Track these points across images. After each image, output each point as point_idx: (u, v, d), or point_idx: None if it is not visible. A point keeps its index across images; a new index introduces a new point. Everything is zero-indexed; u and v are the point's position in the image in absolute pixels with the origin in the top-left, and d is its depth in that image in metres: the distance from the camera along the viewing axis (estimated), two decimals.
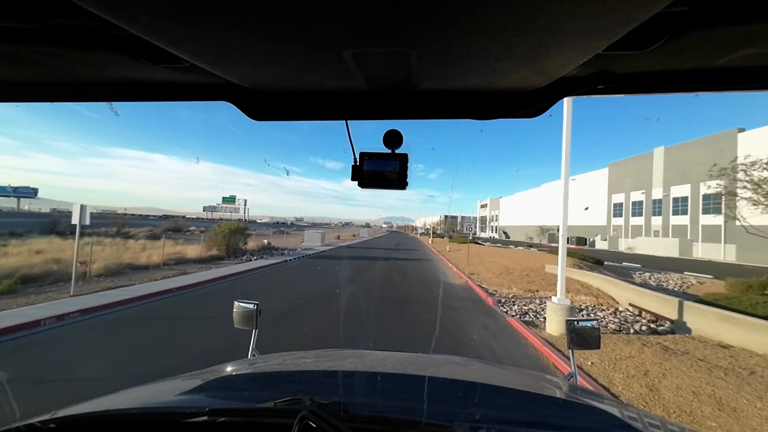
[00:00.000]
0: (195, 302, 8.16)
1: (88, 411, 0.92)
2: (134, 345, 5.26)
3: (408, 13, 0.53)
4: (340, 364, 1.59)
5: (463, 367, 1.68)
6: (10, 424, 0.83)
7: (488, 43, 0.62)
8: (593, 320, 1.63)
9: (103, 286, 9.08)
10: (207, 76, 0.83)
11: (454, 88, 0.91)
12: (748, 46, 0.70)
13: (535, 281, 12.17)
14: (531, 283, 11.93)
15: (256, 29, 0.58)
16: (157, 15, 0.53)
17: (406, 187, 1.05)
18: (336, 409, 0.84)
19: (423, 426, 0.81)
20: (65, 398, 2.53)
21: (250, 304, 1.75)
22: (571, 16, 0.51)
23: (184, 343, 5.37)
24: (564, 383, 1.58)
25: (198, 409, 0.86)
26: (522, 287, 11.28)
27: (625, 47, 0.68)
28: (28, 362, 4.50)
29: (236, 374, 1.39)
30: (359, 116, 1.01)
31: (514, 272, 14.13)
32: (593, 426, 1.00)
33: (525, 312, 8.22)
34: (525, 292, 10.70)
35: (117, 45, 0.75)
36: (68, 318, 6.41)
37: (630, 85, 0.87)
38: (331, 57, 0.70)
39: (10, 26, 0.70)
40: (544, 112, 0.95)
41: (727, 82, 0.82)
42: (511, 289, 11.13)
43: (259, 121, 1.03)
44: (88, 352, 4.91)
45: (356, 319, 6.95)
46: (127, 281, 9.83)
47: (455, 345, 5.65)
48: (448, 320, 7.20)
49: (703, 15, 0.62)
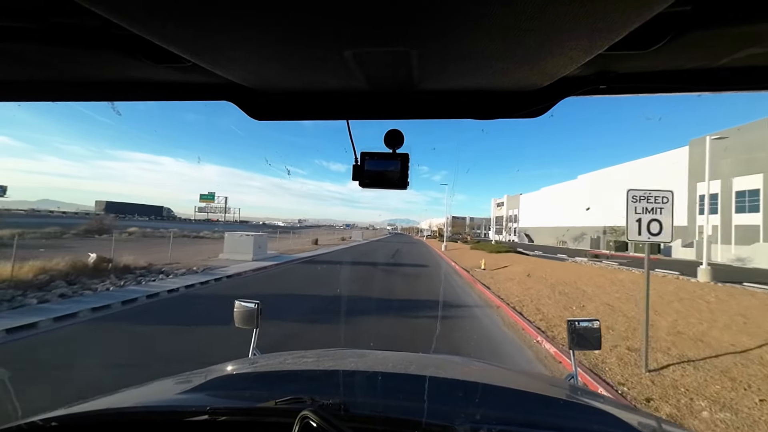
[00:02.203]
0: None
1: (90, 410, 0.92)
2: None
3: (409, 13, 0.53)
4: (340, 363, 1.58)
5: (464, 367, 1.67)
6: (12, 422, 0.82)
7: (489, 42, 0.61)
8: (594, 320, 1.58)
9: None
10: (208, 76, 0.84)
11: (455, 88, 0.91)
12: (750, 46, 0.70)
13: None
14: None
15: (258, 29, 0.58)
16: (159, 15, 0.53)
17: (407, 187, 1.03)
18: (337, 408, 0.82)
19: (424, 426, 0.79)
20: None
21: (251, 304, 1.73)
22: (573, 15, 0.50)
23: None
24: (565, 384, 1.60)
25: (199, 408, 0.86)
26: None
27: (627, 47, 0.67)
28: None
29: (237, 373, 1.39)
30: (360, 116, 1.01)
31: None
32: (594, 426, 0.99)
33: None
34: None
35: (118, 45, 0.75)
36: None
37: (632, 85, 0.86)
38: (332, 56, 0.70)
39: (11, 25, 0.70)
40: (545, 112, 0.94)
41: (730, 82, 0.82)
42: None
43: (262, 122, 1.04)
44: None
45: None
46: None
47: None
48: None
49: (706, 15, 0.62)
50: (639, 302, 7.19)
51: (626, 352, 5.06)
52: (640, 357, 4.61)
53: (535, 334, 5.96)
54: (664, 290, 9.81)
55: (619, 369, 4.48)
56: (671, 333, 5.99)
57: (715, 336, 5.84)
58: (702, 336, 5.83)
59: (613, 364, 4.64)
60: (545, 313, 7.31)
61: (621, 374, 4.32)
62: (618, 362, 4.68)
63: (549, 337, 5.77)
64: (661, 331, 6.04)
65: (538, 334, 5.91)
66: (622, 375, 4.30)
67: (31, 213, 58.99)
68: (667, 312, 7.44)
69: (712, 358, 4.87)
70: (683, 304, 8.16)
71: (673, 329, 6.21)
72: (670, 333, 5.99)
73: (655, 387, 3.99)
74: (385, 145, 1.01)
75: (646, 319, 4.59)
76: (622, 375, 4.30)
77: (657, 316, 6.91)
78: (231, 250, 14.87)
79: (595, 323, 1.55)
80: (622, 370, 4.43)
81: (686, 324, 6.55)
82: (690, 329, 6.22)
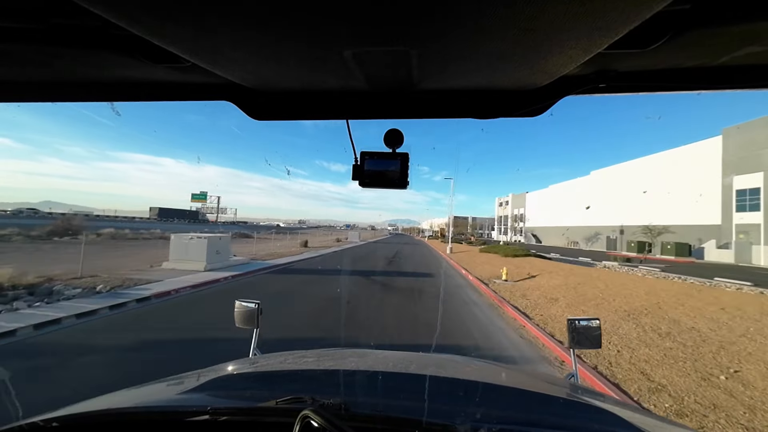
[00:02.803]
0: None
1: (90, 410, 0.90)
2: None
3: (408, 13, 0.52)
4: (341, 363, 1.58)
5: (465, 367, 1.65)
6: (12, 423, 0.81)
7: (489, 42, 0.61)
8: (594, 319, 1.57)
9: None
10: (208, 76, 0.84)
11: (455, 88, 0.91)
12: (750, 44, 0.69)
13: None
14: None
15: (257, 28, 0.58)
16: (158, 15, 0.53)
17: (407, 187, 1.02)
18: (337, 408, 0.82)
19: (424, 425, 0.78)
20: None
21: (252, 303, 1.74)
22: (572, 15, 0.50)
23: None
24: (565, 383, 1.57)
25: (199, 408, 0.86)
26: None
27: (626, 46, 0.67)
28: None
29: (237, 373, 1.37)
30: (360, 116, 1.01)
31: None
32: (595, 425, 0.97)
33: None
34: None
35: (118, 45, 0.75)
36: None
37: (632, 84, 0.86)
38: (332, 56, 0.70)
39: (11, 26, 0.70)
40: (545, 111, 0.93)
41: (730, 80, 0.81)
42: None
43: (263, 122, 1.05)
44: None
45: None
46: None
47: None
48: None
49: (705, 13, 0.62)
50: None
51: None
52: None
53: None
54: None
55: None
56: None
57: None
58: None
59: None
60: (675, 391, 3.77)
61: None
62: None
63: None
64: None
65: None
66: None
67: (9, 215, 56.05)
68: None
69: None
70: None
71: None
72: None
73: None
74: (384, 145, 1.01)
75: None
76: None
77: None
78: (178, 257, 11.31)
79: (595, 322, 1.55)
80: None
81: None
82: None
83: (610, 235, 41.53)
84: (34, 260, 11.63)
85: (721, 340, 5.57)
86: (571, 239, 52.16)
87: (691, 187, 32.03)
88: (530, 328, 6.23)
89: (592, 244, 44.70)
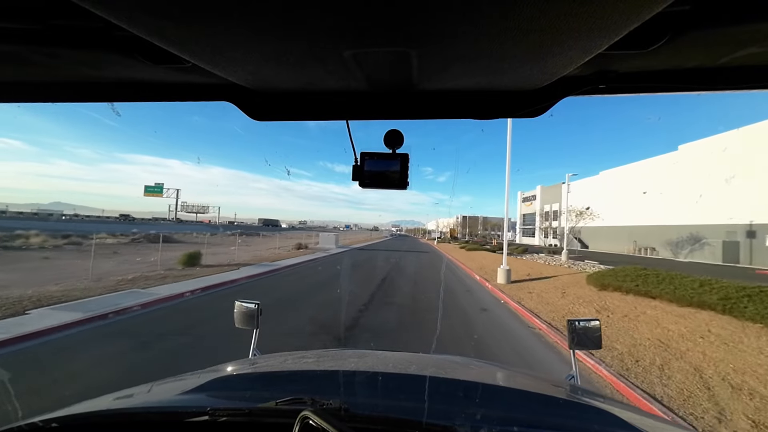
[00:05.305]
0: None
1: (90, 410, 0.91)
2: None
3: (408, 13, 0.53)
4: (341, 363, 1.58)
5: (465, 368, 1.66)
6: (12, 424, 0.82)
7: (489, 43, 0.61)
8: (594, 319, 1.57)
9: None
10: (208, 77, 0.84)
11: (455, 88, 0.91)
12: (750, 45, 0.70)
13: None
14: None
15: (257, 29, 0.58)
16: (158, 15, 0.53)
17: (407, 187, 1.03)
18: (337, 408, 0.81)
19: (424, 426, 0.79)
20: None
21: (252, 304, 1.72)
22: (572, 15, 0.50)
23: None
24: (565, 384, 1.58)
25: (199, 409, 0.86)
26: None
27: (626, 47, 0.67)
28: None
29: (237, 374, 1.39)
30: (360, 116, 1.01)
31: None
32: (595, 426, 0.97)
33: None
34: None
35: (118, 45, 0.76)
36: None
37: (631, 85, 0.87)
38: (332, 57, 0.70)
39: (11, 27, 0.70)
40: (545, 111, 0.94)
41: (730, 81, 0.82)
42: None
43: (266, 124, 1.16)
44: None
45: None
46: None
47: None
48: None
49: (705, 14, 0.62)
50: None
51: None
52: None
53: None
54: None
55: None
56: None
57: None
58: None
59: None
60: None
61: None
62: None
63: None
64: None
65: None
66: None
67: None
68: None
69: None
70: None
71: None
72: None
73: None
74: (384, 146, 1.01)
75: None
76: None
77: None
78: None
79: (594, 323, 1.56)
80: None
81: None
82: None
83: (726, 238, 26.55)
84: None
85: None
86: (640, 245, 36.82)
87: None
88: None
89: (691, 253, 29.69)
